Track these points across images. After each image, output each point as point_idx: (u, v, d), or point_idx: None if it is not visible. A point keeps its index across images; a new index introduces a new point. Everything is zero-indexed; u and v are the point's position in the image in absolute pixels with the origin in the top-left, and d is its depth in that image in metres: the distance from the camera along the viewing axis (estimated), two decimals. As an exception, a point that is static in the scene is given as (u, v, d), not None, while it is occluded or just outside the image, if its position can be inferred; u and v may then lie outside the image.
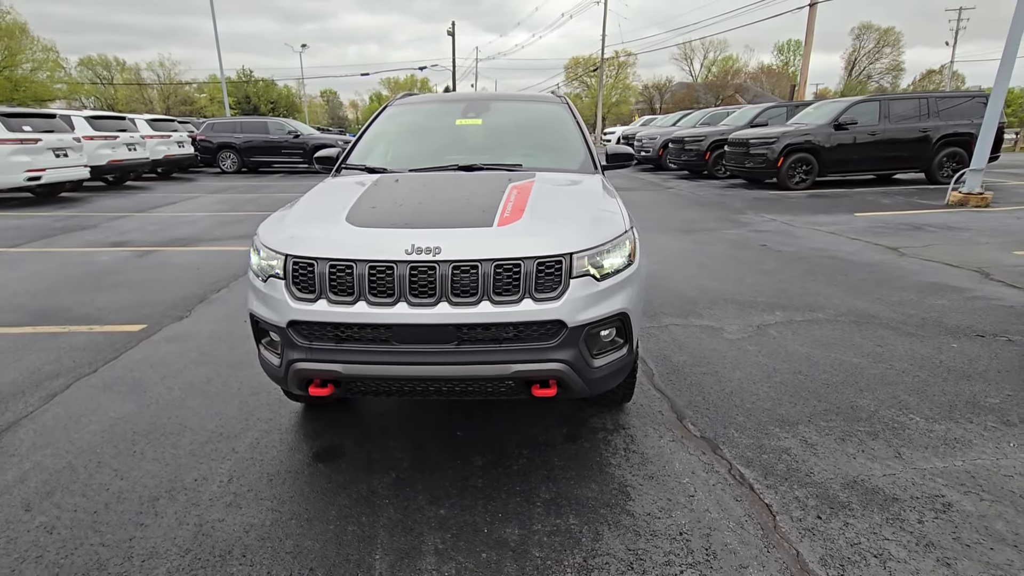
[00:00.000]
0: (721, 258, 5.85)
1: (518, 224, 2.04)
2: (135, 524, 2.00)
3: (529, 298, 1.90)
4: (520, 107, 3.61)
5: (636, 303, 2.16)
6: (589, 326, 1.97)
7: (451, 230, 1.98)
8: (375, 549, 1.86)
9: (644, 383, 3.02)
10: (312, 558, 1.83)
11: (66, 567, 1.81)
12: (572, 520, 1.98)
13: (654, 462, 2.32)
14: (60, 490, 2.20)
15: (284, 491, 2.17)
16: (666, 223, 8.00)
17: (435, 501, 2.10)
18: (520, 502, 2.08)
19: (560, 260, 1.93)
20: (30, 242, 7.03)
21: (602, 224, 2.13)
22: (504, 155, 3.01)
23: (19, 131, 9.89)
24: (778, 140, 10.77)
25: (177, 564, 1.81)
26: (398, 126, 3.43)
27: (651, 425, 2.60)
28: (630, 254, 2.15)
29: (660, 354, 3.40)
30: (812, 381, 3.00)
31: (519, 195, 2.32)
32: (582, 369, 1.99)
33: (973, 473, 2.19)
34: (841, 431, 2.51)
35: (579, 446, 2.45)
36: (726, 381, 3.03)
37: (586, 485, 2.18)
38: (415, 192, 2.49)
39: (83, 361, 3.43)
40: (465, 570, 1.77)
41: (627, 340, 2.16)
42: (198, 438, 2.56)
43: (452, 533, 1.93)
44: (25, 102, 31.15)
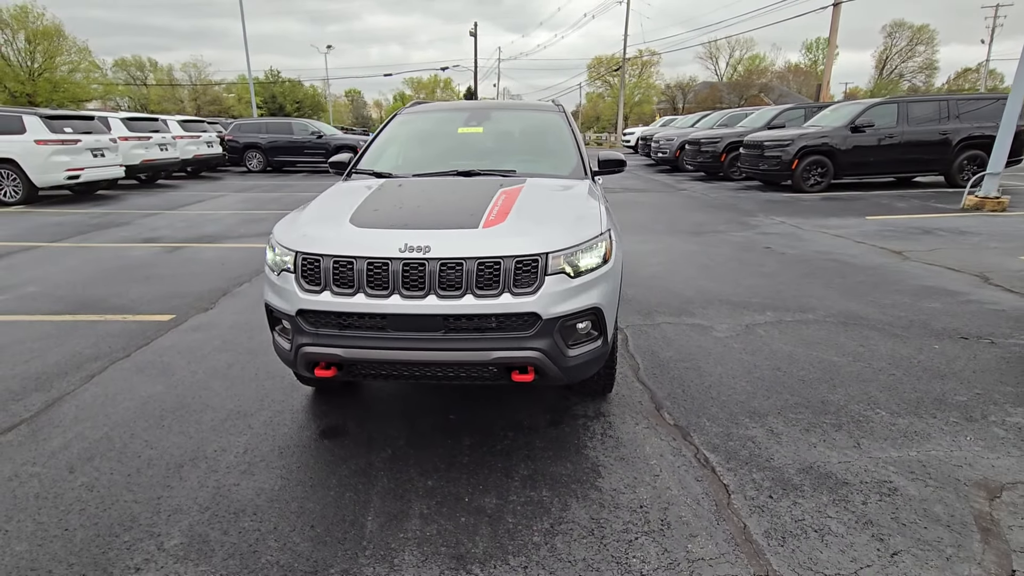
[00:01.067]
0: (723, 260, 5.98)
1: (501, 226, 2.27)
2: (163, 486, 2.29)
3: (508, 292, 2.13)
4: (519, 116, 3.83)
5: (610, 298, 2.37)
6: (563, 318, 2.19)
7: (440, 231, 2.23)
8: (368, 512, 2.11)
9: (629, 376, 3.22)
10: (313, 517, 2.09)
11: (104, 518, 2.10)
12: (545, 493, 2.21)
13: (627, 446, 2.52)
14: (99, 456, 2.50)
15: (292, 462, 2.44)
16: (675, 225, 8.14)
17: (424, 474, 2.34)
18: (500, 477, 2.31)
19: (536, 259, 2.15)
20: (69, 237, 7.51)
21: (579, 227, 2.34)
22: (501, 161, 3.24)
23: (60, 132, 10.48)
24: (793, 142, 10.78)
25: (198, 519, 2.09)
26: (406, 133, 3.69)
27: (629, 414, 2.81)
28: (605, 254, 2.36)
29: (649, 350, 3.59)
30: (789, 377, 3.16)
31: (507, 199, 2.55)
32: (557, 357, 2.20)
33: (925, 463, 2.35)
34: (807, 423, 2.68)
35: (560, 430, 2.67)
36: (707, 376, 3.21)
37: (562, 464, 2.40)
38: (414, 196, 2.74)
39: (118, 347, 3.77)
40: (445, 531, 2.00)
41: (601, 332, 2.37)
42: (219, 415, 2.85)
43: (437, 501, 2.17)
44: (63, 103, 32.52)
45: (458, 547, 1.93)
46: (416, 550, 1.91)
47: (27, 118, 10.29)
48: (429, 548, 1.92)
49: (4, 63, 32.32)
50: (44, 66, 33.76)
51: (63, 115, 11.05)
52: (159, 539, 1.98)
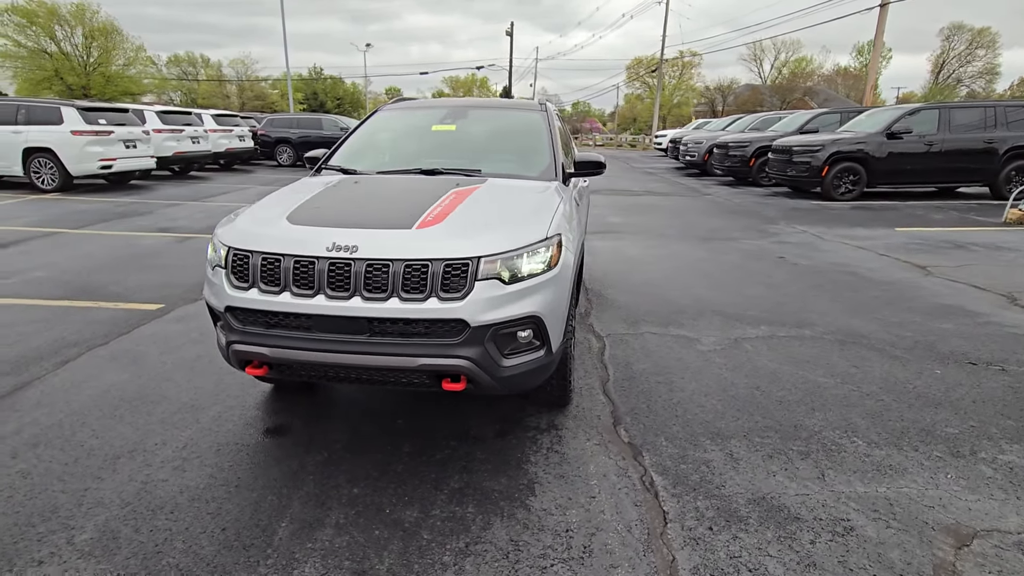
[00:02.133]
0: (729, 268, 5.72)
1: (436, 228, 2.17)
2: (94, 477, 2.28)
3: (435, 297, 2.03)
4: (497, 115, 3.72)
5: (555, 307, 2.24)
6: (496, 326, 2.07)
7: (371, 230, 2.14)
8: (284, 518, 2.04)
9: (595, 387, 3.08)
10: (228, 519, 2.03)
11: (27, 507, 2.09)
12: (470, 509, 2.09)
13: (571, 463, 2.39)
14: (44, 443, 2.52)
15: (226, 460, 2.40)
16: (688, 231, 7.87)
17: (353, 481, 2.26)
18: (429, 488, 2.21)
19: (467, 263, 2.04)
20: (90, 225, 7.79)
21: (521, 230, 2.22)
22: (470, 160, 3.14)
23: (95, 124, 10.90)
24: (823, 148, 10.30)
25: (116, 514, 2.06)
26: (382, 129, 3.63)
27: (584, 428, 2.66)
28: (550, 260, 2.23)
29: (624, 361, 3.43)
30: (766, 397, 2.96)
31: (454, 200, 2.45)
32: (489, 367, 2.09)
33: (892, 501, 2.13)
34: (772, 448, 2.48)
35: (506, 442, 2.55)
36: (678, 391, 3.03)
37: (497, 479, 2.28)
38: (363, 194, 2.67)
39: (100, 333, 3.84)
40: (355, 544, 1.92)
41: (544, 343, 2.24)
42: (171, 408, 2.84)
43: (357, 511, 2.09)
44: (117, 96, 34.02)
45: (363, 562, 1.84)
46: (319, 562, 1.83)
47: (65, 109, 10.74)
48: (333, 561, 1.84)
49: (63, 58, 34.02)
50: (99, 60, 35.40)
51: (98, 107, 11.51)
52: (71, 532, 1.96)
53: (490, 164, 3.09)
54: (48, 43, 33.57)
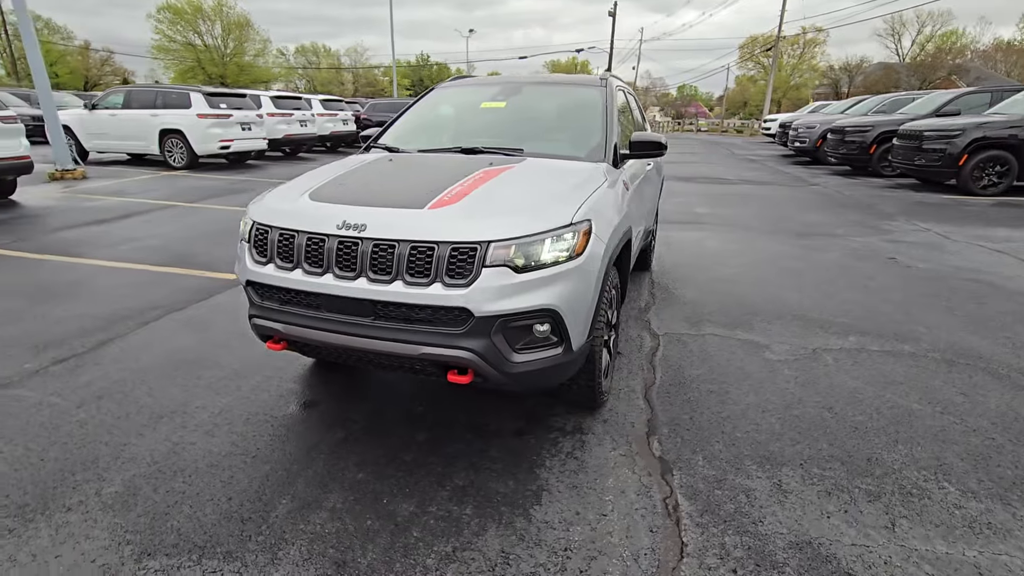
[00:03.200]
0: (824, 268, 5.06)
1: (450, 208, 2.03)
2: (136, 433, 2.44)
3: (439, 282, 1.90)
4: (551, 91, 3.48)
5: (577, 300, 2.02)
6: (504, 318, 1.91)
7: (381, 209, 2.05)
8: (287, 495, 2.05)
9: (636, 391, 2.81)
10: (235, 489, 2.07)
11: (76, 455, 2.27)
12: (468, 510, 1.97)
13: (589, 472, 2.18)
14: (107, 396, 2.75)
15: (251, 430, 2.46)
16: (781, 224, 7.10)
17: (361, 464, 2.22)
18: (432, 483, 2.12)
19: (475, 247, 1.89)
20: (203, 199, 8.58)
21: (543, 214, 2.02)
22: (516, 138, 2.96)
23: (217, 108, 12.00)
24: (963, 133, 8.83)
25: (143, 471, 2.18)
26: (433, 108, 3.54)
27: (612, 435, 2.43)
28: (574, 248, 2.02)
29: (676, 364, 3.11)
30: (838, 422, 2.53)
31: (479, 180, 2.29)
32: (497, 362, 1.94)
33: (983, 568, 1.70)
34: (833, 483, 2.10)
35: (524, 441, 2.39)
36: (731, 404, 2.68)
37: (504, 480, 2.13)
38: (391, 172, 2.60)
39: (182, 299, 4.16)
40: (344, 532, 1.87)
41: (562, 339, 2.04)
42: (220, 373, 2.99)
43: (356, 497, 2.04)
44: (248, 84, 37.49)
45: (346, 553, 1.78)
46: (305, 547, 1.80)
47: (193, 95, 11.92)
48: (318, 547, 1.80)
49: (205, 49, 38.00)
50: (234, 52, 39.15)
51: (220, 92, 12.64)
52: (101, 484, 2.10)
53: (534, 143, 2.89)
54: (193, 37, 37.65)
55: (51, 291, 4.25)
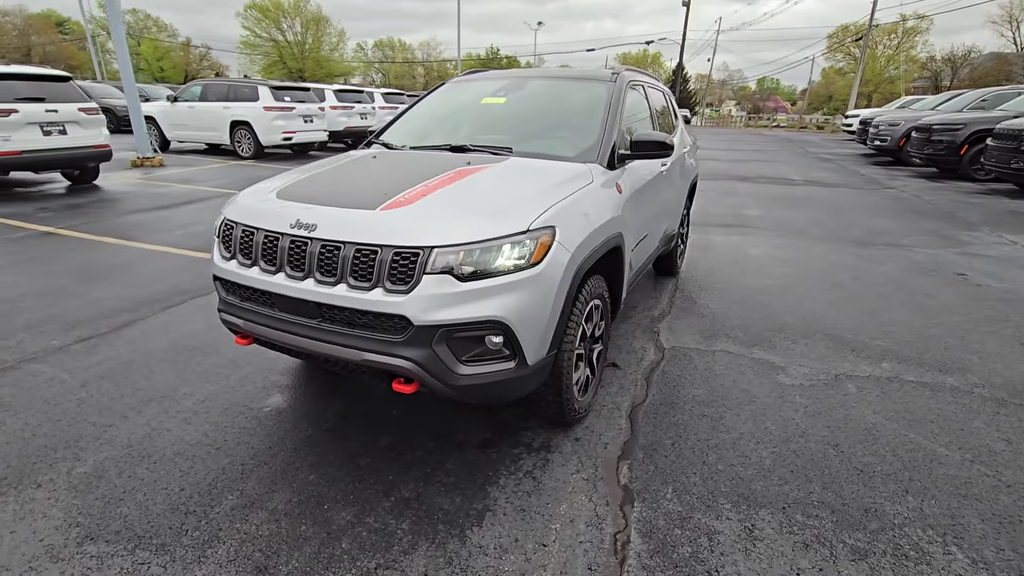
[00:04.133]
0: (875, 283, 4.57)
1: (402, 210, 1.95)
2: (121, 416, 2.55)
3: (381, 287, 1.83)
4: (556, 86, 3.29)
5: (529, 312, 1.89)
6: (447, 328, 1.81)
7: (334, 209, 2.00)
8: (235, 491, 2.05)
9: (621, 408, 2.63)
10: (191, 481, 2.10)
11: (64, 433, 2.40)
12: (405, 525, 1.89)
13: (543, 495, 2.04)
14: (109, 377, 2.89)
15: (226, 421, 2.51)
16: (841, 231, 6.51)
17: (316, 466, 2.20)
18: (378, 491, 2.06)
19: (417, 252, 1.80)
20: (257, 189, 8.99)
21: (498, 219, 1.90)
22: (508, 136, 2.84)
23: (281, 101, 12.56)
24: (1073, 134, 7.72)
25: (116, 454, 2.26)
26: (438, 103, 3.46)
27: (581, 455, 2.27)
28: (528, 257, 1.88)
29: (674, 381, 2.89)
30: (842, 462, 2.24)
31: (447, 180, 2.20)
32: (440, 373, 1.84)
33: (972, 661, 1.43)
34: (815, 534, 1.85)
35: (485, 455, 2.28)
36: (723, 431, 2.45)
37: (452, 496, 2.04)
38: (365, 170, 2.55)
39: (209, 286, 4.34)
40: (276, 536, 1.84)
41: (515, 353, 1.91)
42: (217, 361, 3.08)
43: (300, 499, 2.02)
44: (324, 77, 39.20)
45: (270, 558, 1.75)
46: (234, 547, 1.80)
47: (260, 88, 12.53)
48: (246, 550, 1.79)
49: (286, 45, 40.06)
50: (312, 46, 41.03)
51: (285, 86, 13.21)
52: (74, 464, 2.20)
53: (527, 141, 2.76)
54: (276, 33, 39.78)
55: (98, 272, 4.56)
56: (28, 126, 7.45)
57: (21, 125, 7.38)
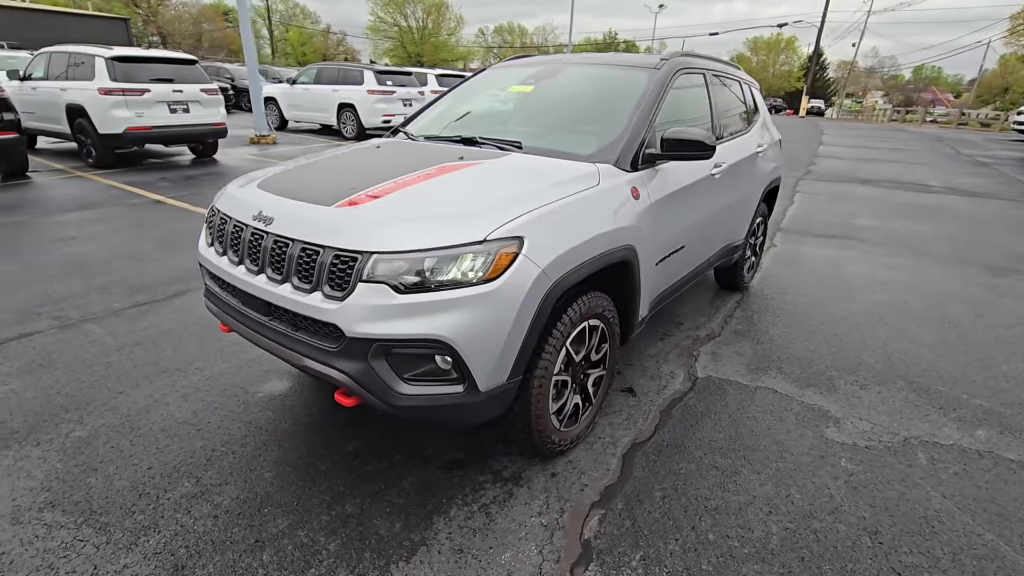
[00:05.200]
0: (1002, 324, 3.69)
1: (358, 208, 1.80)
2: (134, 384, 2.69)
3: (320, 291, 1.69)
4: (591, 74, 2.91)
5: (480, 333, 1.66)
6: (383, 343, 1.63)
7: (293, 203, 1.89)
8: (192, 479, 2.05)
9: (616, 444, 2.31)
10: (160, 461, 2.14)
11: (82, 394, 2.57)
12: (332, 546, 1.77)
13: (489, 536, 1.81)
14: (143, 344, 3.08)
15: (218, 401, 2.55)
16: (971, 251, 5.40)
17: (277, 464, 2.15)
18: (322, 502, 1.95)
19: (355, 257, 1.63)
20: (347, 169, 9.41)
21: (454, 225, 1.67)
22: (526, 129, 2.58)
23: (383, 85, 13.05)
24: None
25: (113, 422, 2.38)
26: (472, 90, 3.24)
27: (551, 495, 2.01)
28: (483, 270, 1.64)
29: (694, 420, 2.49)
30: (876, 561, 1.76)
31: (426, 176, 2.01)
32: (378, 390, 1.68)
33: None
34: (804, 653, 1.45)
35: (448, 477, 2.09)
36: (731, 491, 2.05)
37: (393, 520, 1.88)
38: (355, 161, 2.43)
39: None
40: (207, 534, 1.80)
41: (463, 377, 1.70)
42: (237, 339, 3.18)
43: (246, 498, 1.97)
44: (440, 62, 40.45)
45: (191, 558, 1.71)
46: (166, 539, 1.78)
47: (366, 72, 13.10)
48: (174, 544, 1.76)
49: (408, 30, 41.82)
50: (431, 31, 42.47)
51: (389, 71, 13.69)
52: (74, 427, 2.34)
53: (542, 135, 2.48)
54: (400, 18, 41.64)
55: (180, 241, 4.96)
56: (157, 104, 8.35)
57: (152, 103, 8.29)
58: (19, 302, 3.56)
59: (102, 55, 8.08)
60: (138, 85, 8.14)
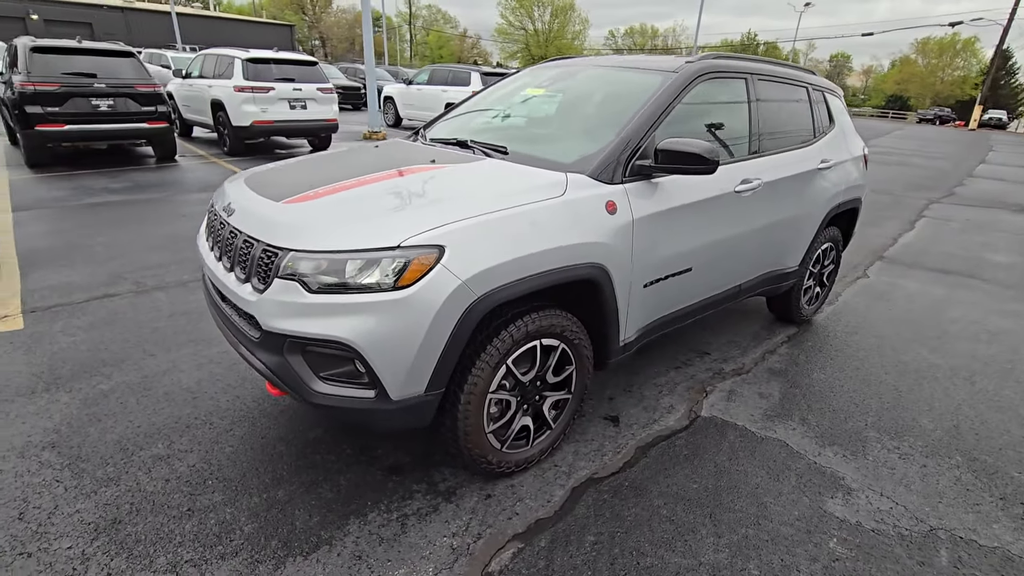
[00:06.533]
0: None
1: (297, 205, 1.86)
2: (165, 348, 3.00)
3: (250, 283, 1.76)
4: (607, 77, 2.67)
5: (390, 340, 1.62)
6: (296, 339, 1.66)
7: (253, 196, 1.99)
8: (166, 441, 2.25)
9: (570, 476, 2.14)
10: (149, 421, 2.37)
11: (121, 351, 2.92)
12: (248, 528, 1.83)
13: (394, 548, 1.77)
14: (189, 314, 3.42)
15: (224, 375, 2.77)
16: None
17: (242, 440, 2.28)
18: (260, 484, 2.04)
19: (275, 253, 1.68)
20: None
21: (375, 229, 1.66)
22: (521, 134, 2.49)
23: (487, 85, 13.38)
24: None
25: (131, 380, 2.68)
26: (499, 91, 3.18)
27: (476, 518, 1.91)
28: (394, 277, 1.60)
29: (675, 461, 2.24)
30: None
31: (379, 177, 2.05)
32: (295, 385, 1.72)
33: None
34: None
35: (384, 480, 2.08)
36: (677, 552, 1.80)
37: (313, 514, 1.90)
38: (340, 161, 2.49)
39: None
40: (149, 497, 1.96)
41: (374, 383, 1.67)
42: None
43: (199, 469, 2.11)
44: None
45: (128, 516, 1.87)
46: (113, 496, 1.96)
47: (473, 73, 13.52)
48: (119, 500, 1.94)
49: (533, 33, 42.52)
50: (556, 34, 42.79)
51: (494, 72, 14.00)
52: (100, 381, 2.67)
53: (533, 140, 2.38)
54: (527, 22, 42.47)
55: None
56: (279, 101, 9.30)
57: (275, 100, 9.25)
58: (116, 267, 4.15)
59: (240, 57, 9.18)
60: (265, 84, 9.12)
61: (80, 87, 7.42)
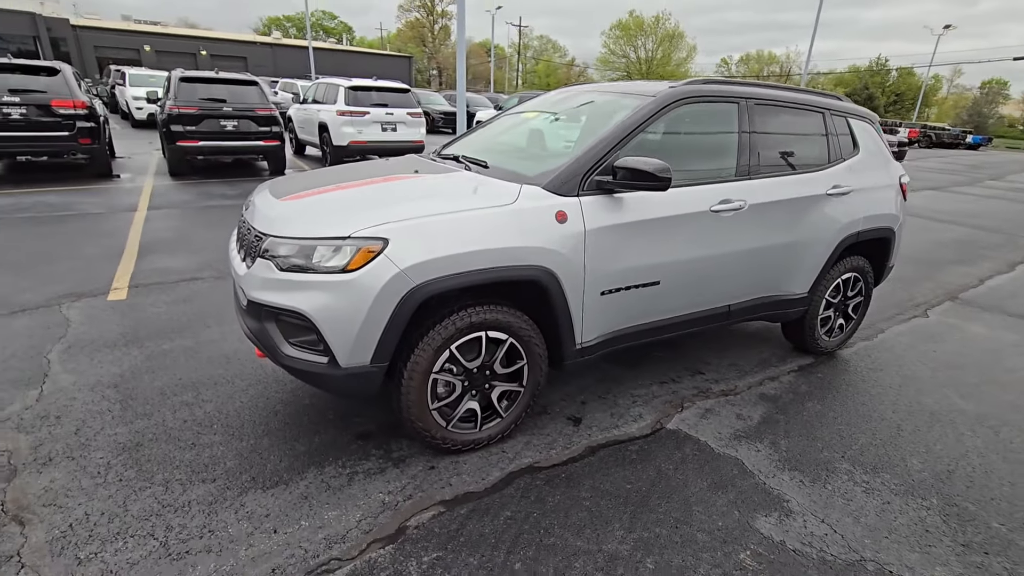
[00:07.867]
0: None
1: (291, 202, 2.26)
2: (221, 322, 3.58)
3: (246, 262, 2.18)
4: (598, 102, 2.82)
5: (339, 315, 1.94)
6: (268, 308, 2.04)
7: (266, 196, 2.42)
8: (193, 391, 2.74)
9: (499, 466, 2.31)
10: (173, 378, 2.88)
11: (196, 322, 3.54)
12: (231, 463, 2.22)
13: (335, 496, 2.06)
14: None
15: (214, 350, 3.26)
16: None
17: (252, 397, 2.72)
18: (253, 432, 2.43)
19: (261, 237, 2.08)
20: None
21: (334, 222, 2.01)
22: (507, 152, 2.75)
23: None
24: None
25: (188, 345, 3.25)
26: (508, 115, 3.45)
27: (411, 483, 2.15)
28: (344, 261, 1.93)
29: (618, 465, 2.33)
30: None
31: (362, 183, 2.41)
32: (270, 347, 2.10)
33: None
34: None
35: (350, 442, 2.39)
36: (582, 537, 1.92)
37: (281, 459, 2.25)
38: (346, 170, 2.84)
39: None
40: (164, 430, 2.42)
41: (325, 351, 2.00)
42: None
43: (211, 413, 2.56)
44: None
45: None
46: (135, 431, 2.45)
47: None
48: (139, 430, 2.42)
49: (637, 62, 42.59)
50: (660, 61, 42.50)
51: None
52: (165, 342, 3.27)
53: (514, 157, 2.61)
54: (630, 50, 42.67)
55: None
56: (373, 124, 10.31)
57: (369, 123, 10.27)
58: (207, 257, 4.94)
59: (343, 85, 10.33)
60: (362, 108, 10.18)
61: (213, 110, 8.80)
